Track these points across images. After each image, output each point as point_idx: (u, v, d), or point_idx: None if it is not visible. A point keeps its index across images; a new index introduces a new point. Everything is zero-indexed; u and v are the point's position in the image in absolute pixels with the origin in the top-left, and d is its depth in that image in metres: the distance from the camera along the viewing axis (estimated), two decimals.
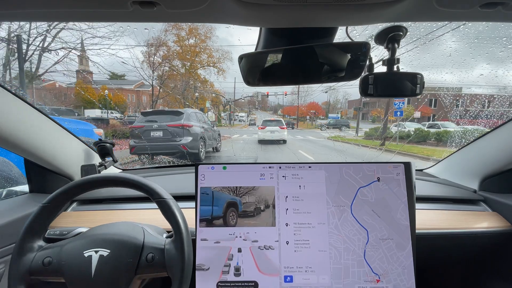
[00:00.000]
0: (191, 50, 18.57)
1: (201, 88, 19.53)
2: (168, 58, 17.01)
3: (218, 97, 23.43)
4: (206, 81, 20.29)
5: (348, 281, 0.66)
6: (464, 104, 11.02)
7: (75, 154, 0.99)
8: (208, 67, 19.50)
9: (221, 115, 25.36)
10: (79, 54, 11.15)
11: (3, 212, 0.78)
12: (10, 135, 0.74)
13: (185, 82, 16.46)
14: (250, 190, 0.70)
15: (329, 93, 41.82)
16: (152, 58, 15.65)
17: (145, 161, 5.41)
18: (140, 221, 0.71)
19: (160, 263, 0.57)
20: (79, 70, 15.29)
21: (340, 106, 45.97)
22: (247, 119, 31.59)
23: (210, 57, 19.46)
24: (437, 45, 5.97)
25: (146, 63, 15.64)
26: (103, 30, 9.93)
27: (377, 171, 0.70)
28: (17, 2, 0.45)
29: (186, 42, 18.18)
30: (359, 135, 14.20)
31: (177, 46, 17.86)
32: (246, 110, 30.53)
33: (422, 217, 0.84)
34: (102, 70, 13.00)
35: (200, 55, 19.15)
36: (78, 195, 0.63)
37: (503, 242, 0.85)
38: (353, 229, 0.68)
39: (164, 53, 16.88)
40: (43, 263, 0.57)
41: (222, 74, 20.33)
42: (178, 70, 18.17)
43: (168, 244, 0.59)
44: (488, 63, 14.18)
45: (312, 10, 0.47)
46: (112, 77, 21.98)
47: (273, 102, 50.76)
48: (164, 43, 16.39)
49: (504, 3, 0.44)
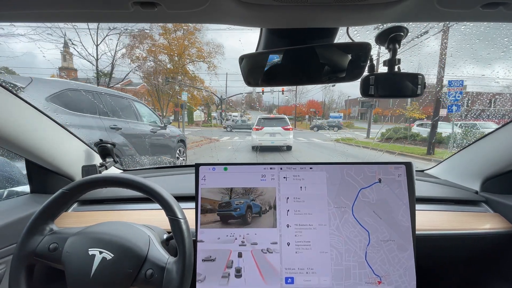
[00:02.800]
0: (179, 43, 16.83)
1: (183, 81, 17.51)
2: (154, 52, 15.62)
3: (211, 96, 21.69)
4: (195, 77, 18.34)
5: (349, 283, 0.65)
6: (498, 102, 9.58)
7: (75, 154, 0.99)
8: (198, 62, 17.75)
9: (211, 115, 23.66)
10: (61, 51, 10.82)
11: (4, 213, 0.78)
12: (11, 136, 0.74)
13: (165, 76, 15.03)
14: (252, 191, 0.70)
15: (324, 92, 40.60)
16: (134, 50, 14.41)
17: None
18: (141, 221, 0.71)
19: (157, 282, 0.56)
20: (62, 67, 14.42)
21: (335, 106, 44.87)
22: (240, 119, 30.70)
23: (199, 51, 17.71)
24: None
25: (127, 56, 14.37)
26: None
27: (378, 172, 0.70)
28: (17, 3, 0.45)
29: (173, 35, 16.48)
30: (370, 137, 12.27)
31: (163, 40, 16.26)
32: (240, 110, 29.60)
33: (424, 218, 0.84)
34: (88, 66, 12.17)
35: (188, 49, 17.33)
36: (101, 187, 0.64)
37: (505, 243, 0.84)
38: (354, 230, 0.67)
39: (149, 46, 15.48)
40: (49, 249, 0.59)
41: (214, 70, 18.22)
42: (164, 65, 16.58)
43: (170, 264, 0.58)
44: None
45: (313, 10, 0.47)
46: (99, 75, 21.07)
47: (268, 102, 48.63)
48: (149, 36, 15.07)
49: (506, 3, 0.44)
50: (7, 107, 0.71)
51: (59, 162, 0.92)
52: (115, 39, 9.60)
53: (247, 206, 0.69)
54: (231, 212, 0.69)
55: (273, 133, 7.46)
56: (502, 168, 0.90)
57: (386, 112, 29.33)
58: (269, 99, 48.29)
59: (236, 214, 0.68)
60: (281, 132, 7.43)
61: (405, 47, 5.79)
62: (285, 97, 40.52)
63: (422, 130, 9.70)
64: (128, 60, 13.71)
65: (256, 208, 0.69)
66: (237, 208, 0.69)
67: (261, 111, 40.57)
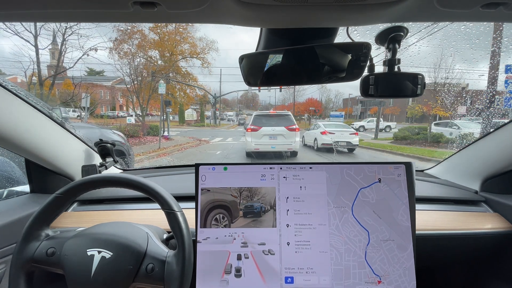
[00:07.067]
0: (170, 38, 15.79)
1: (175, 78, 16.36)
2: (143, 47, 14.49)
3: (204, 94, 20.69)
4: (188, 74, 17.17)
5: (349, 283, 0.65)
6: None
7: (75, 154, 0.99)
8: (191, 59, 16.61)
9: (204, 114, 22.13)
10: (50, 48, 10.52)
11: (4, 212, 0.78)
12: (11, 135, 0.74)
13: (151, 72, 13.78)
14: (251, 191, 0.70)
15: (321, 91, 39.75)
16: (122, 45, 13.34)
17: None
18: (141, 221, 0.71)
19: (159, 275, 0.56)
20: (51, 65, 13.33)
21: (332, 106, 44.13)
22: (236, 118, 28.76)
23: (192, 47, 16.51)
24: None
25: (114, 51, 13.26)
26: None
27: (378, 172, 0.70)
28: (17, 2, 0.45)
29: (164, 30, 15.24)
30: (378, 137, 11.31)
31: (154, 35, 15.08)
32: (236, 109, 28.84)
33: (423, 218, 0.84)
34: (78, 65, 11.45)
35: (181, 44, 16.19)
36: (94, 189, 0.63)
37: (505, 243, 0.84)
38: (354, 230, 0.68)
39: (139, 41, 14.35)
40: (47, 253, 0.58)
41: (208, 67, 17.16)
42: (155, 61, 15.53)
43: (170, 257, 0.58)
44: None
45: (313, 10, 0.47)
46: (89, 73, 20.29)
47: (264, 101, 47.11)
48: (138, 31, 13.98)
49: (506, 3, 0.44)
50: (7, 107, 0.71)
51: (59, 162, 0.92)
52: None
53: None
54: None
55: (274, 134, 5.58)
56: (502, 168, 0.90)
57: (394, 109, 28.43)
58: (266, 98, 47.12)
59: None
60: (285, 133, 5.58)
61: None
62: (282, 97, 39.71)
63: (444, 130, 8.72)
64: (116, 56, 13.22)
65: (257, 208, 0.69)
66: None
67: (258, 110, 39.42)
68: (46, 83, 9.05)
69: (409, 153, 6.97)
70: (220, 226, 0.68)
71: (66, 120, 2.70)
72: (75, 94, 9.58)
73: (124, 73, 12.98)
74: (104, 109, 24.48)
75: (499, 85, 5.47)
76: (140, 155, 7.14)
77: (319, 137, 7.68)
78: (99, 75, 23.13)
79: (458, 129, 8.16)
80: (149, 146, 8.75)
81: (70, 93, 10.45)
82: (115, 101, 25.26)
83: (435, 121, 10.19)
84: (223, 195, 0.69)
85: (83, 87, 10.37)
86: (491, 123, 5.26)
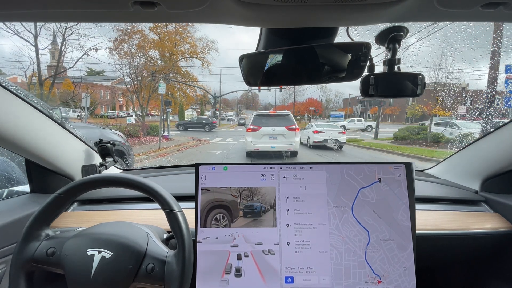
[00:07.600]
0: (170, 38, 15.69)
1: (175, 77, 16.23)
2: (143, 47, 14.41)
3: (204, 94, 20.58)
4: (188, 74, 17.14)
5: (349, 282, 0.66)
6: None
7: (75, 154, 1.00)
8: (191, 59, 16.53)
9: (204, 114, 22.33)
10: (50, 48, 10.49)
11: (4, 212, 0.78)
12: (11, 135, 0.74)
13: (151, 72, 13.64)
14: (251, 191, 0.70)
15: (321, 91, 39.71)
16: (122, 45, 13.28)
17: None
18: (141, 221, 0.71)
19: (159, 275, 0.56)
20: (51, 65, 13.24)
21: (332, 106, 44.08)
22: (236, 118, 29.12)
23: (192, 47, 16.40)
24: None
25: (114, 51, 13.21)
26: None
27: (378, 171, 0.70)
28: (17, 2, 0.45)
29: (164, 30, 15.21)
30: (378, 137, 11.39)
31: (154, 35, 15.04)
32: (236, 109, 29.03)
33: (423, 217, 0.84)
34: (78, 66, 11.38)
35: (181, 44, 16.08)
36: (93, 189, 0.63)
37: (505, 243, 0.84)
38: (354, 230, 0.68)
39: (139, 41, 14.27)
40: (47, 253, 0.58)
41: (207, 67, 17.02)
42: (155, 61, 15.45)
43: (170, 257, 0.58)
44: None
45: (313, 10, 0.47)
46: (89, 73, 20.33)
47: (264, 101, 47.14)
48: (138, 31, 13.91)
49: (506, 3, 0.44)
50: (7, 107, 0.71)
51: (59, 162, 0.92)
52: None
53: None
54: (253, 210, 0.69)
55: (274, 134, 5.63)
56: (502, 168, 0.90)
57: (394, 109, 28.42)
58: (266, 98, 47.20)
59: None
60: (285, 133, 5.64)
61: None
62: (282, 97, 39.78)
63: (444, 130, 8.87)
64: (116, 56, 13.19)
65: (257, 208, 0.69)
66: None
67: (258, 110, 39.28)
68: (46, 83, 9.06)
69: (409, 153, 7.12)
70: (220, 226, 0.68)
71: (66, 120, 2.76)
72: (75, 94, 9.59)
73: (124, 73, 12.96)
74: (104, 109, 24.52)
75: (499, 85, 5.53)
76: (140, 155, 7.18)
77: (311, 135, 8.52)
78: (99, 75, 23.18)
79: (458, 129, 8.29)
80: (149, 146, 8.79)
81: (70, 93, 10.45)
82: (115, 101, 25.33)
83: (434, 121, 10.37)
84: (223, 195, 0.69)
85: (83, 87, 10.39)
86: (491, 123, 5.28)
